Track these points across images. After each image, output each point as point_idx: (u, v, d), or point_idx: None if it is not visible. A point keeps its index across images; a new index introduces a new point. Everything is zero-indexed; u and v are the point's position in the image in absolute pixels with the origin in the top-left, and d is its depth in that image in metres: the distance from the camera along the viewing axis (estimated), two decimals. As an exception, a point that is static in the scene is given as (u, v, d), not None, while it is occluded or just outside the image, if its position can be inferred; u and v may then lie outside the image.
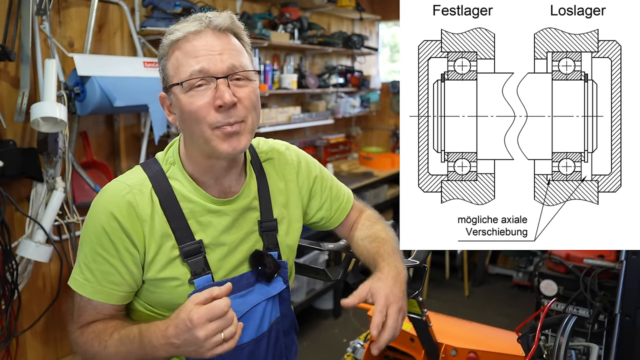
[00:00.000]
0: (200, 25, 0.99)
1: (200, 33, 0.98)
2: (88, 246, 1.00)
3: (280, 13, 3.71)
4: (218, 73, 0.97)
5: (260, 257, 1.09)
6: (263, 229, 1.12)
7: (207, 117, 0.96)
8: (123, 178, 1.04)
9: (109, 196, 1.00)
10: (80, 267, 1.01)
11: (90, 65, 2.31)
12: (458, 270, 4.25)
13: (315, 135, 4.48)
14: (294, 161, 1.22)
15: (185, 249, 1.01)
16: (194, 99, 0.96)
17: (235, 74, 0.98)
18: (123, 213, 0.98)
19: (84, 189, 2.50)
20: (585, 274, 2.28)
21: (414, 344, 1.74)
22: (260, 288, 1.09)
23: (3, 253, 2.06)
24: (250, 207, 1.11)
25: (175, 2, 2.69)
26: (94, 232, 0.99)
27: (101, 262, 0.99)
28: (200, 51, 0.97)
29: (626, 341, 1.88)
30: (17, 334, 2.21)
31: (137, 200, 0.99)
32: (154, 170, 1.05)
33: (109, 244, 0.98)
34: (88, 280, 1.00)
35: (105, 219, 0.98)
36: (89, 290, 0.99)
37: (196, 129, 0.98)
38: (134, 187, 1.01)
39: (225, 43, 1.00)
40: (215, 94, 0.96)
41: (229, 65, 0.98)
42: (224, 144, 0.98)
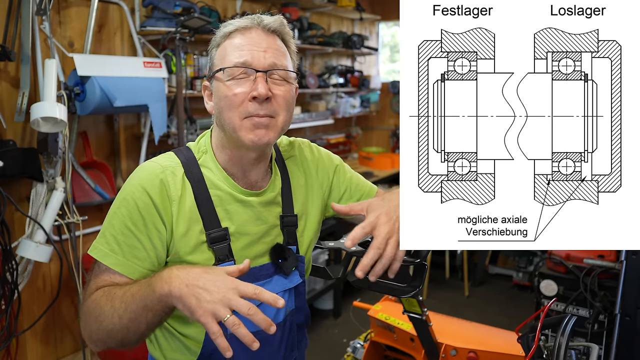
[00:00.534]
0: (252, 22, 1.06)
1: (250, 29, 1.06)
2: (118, 219, 1.02)
3: (281, 13, 3.71)
4: (259, 67, 1.03)
5: (281, 251, 1.13)
6: (284, 224, 1.16)
7: (240, 105, 1.02)
8: (158, 159, 1.09)
9: (143, 174, 1.05)
10: (106, 237, 1.02)
11: (90, 65, 2.31)
12: (458, 270, 4.25)
13: (315, 135, 4.48)
14: (314, 157, 1.28)
15: (212, 235, 1.05)
16: (233, 86, 1.03)
17: (275, 71, 1.05)
18: (155, 190, 1.02)
19: (84, 189, 2.50)
20: (585, 274, 2.28)
21: (414, 344, 1.74)
22: (278, 280, 1.13)
23: (3, 253, 2.06)
24: (274, 201, 1.16)
25: (175, 2, 2.69)
26: (125, 205, 1.02)
27: (129, 235, 1.01)
28: (246, 45, 1.04)
29: (626, 341, 1.88)
30: (17, 334, 2.21)
31: (169, 180, 1.04)
32: (187, 157, 1.10)
33: (139, 219, 1.01)
34: (114, 252, 1.01)
35: (138, 194, 1.01)
36: (113, 261, 1.01)
37: (227, 116, 1.04)
38: (167, 169, 1.06)
39: (271, 43, 1.06)
40: (253, 86, 1.02)
41: (271, 62, 1.04)
42: (251, 133, 1.03)
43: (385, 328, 1.84)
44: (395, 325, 1.78)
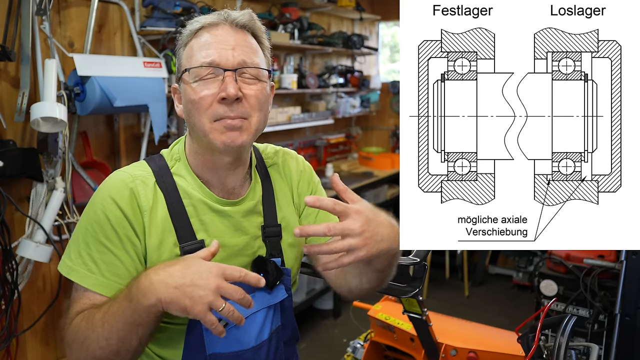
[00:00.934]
0: (219, 18, 1.00)
1: (217, 26, 1.00)
2: (91, 235, 0.96)
3: (280, 13, 3.71)
4: (227, 66, 0.97)
5: (263, 264, 1.06)
6: (267, 234, 1.10)
7: (209, 108, 0.96)
8: (127, 169, 1.04)
9: (112, 184, 0.99)
10: (81, 257, 0.96)
11: (90, 65, 2.31)
12: (458, 270, 4.25)
13: (315, 135, 4.48)
14: (298, 168, 1.21)
15: (186, 248, 0.99)
16: (200, 88, 0.97)
17: (245, 70, 0.98)
18: (125, 201, 0.96)
19: (84, 189, 2.50)
20: (585, 274, 2.28)
21: (414, 344, 1.75)
22: (261, 295, 1.06)
23: (3, 253, 2.06)
24: (254, 211, 1.09)
25: (175, 2, 2.69)
26: (96, 220, 0.96)
27: (105, 252, 0.96)
28: (213, 43, 0.98)
29: (626, 341, 1.88)
30: (17, 334, 2.21)
31: (140, 190, 0.98)
32: (159, 165, 1.04)
33: (112, 233, 0.96)
34: (92, 272, 0.95)
35: (108, 207, 0.96)
36: (93, 282, 0.95)
37: (197, 120, 0.98)
38: (137, 178, 1.00)
39: (240, 39, 1.00)
40: (221, 86, 0.96)
41: (240, 60, 0.98)
42: (222, 136, 0.97)
43: (385, 328, 1.84)
44: (395, 325, 1.78)
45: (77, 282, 0.96)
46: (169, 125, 2.76)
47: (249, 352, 1.04)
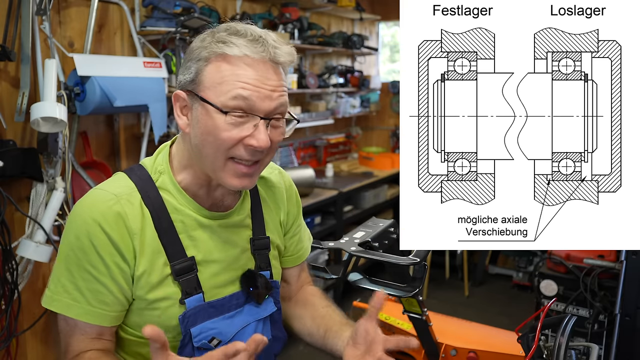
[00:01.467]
0: (264, 54, 0.89)
1: (259, 62, 0.89)
2: (73, 263, 0.90)
3: (280, 13, 3.71)
4: (263, 111, 0.89)
5: (252, 278, 1.03)
6: (255, 247, 1.07)
7: (231, 148, 0.90)
8: (107, 186, 0.95)
9: (93, 206, 0.91)
10: (64, 286, 0.91)
11: (90, 65, 2.31)
12: (458, 270, 4.25)
13: (315, 135, 4.48)
14: (287, 185, 1.19)
15: (177, 267, 0.94)
16: (229, 126, 0.88)
17: (278, 114, 0.93)
18: (111, 225, 0.89)
19: (84, 189, 2.49)
20: (585, 274, 2.28)
21: (414, 344, 1.74)
22: (249, 309, 1.04)
23: (3, 253, 2.06)
24: (243, 224, 1.06)
25: (175, 2, 2.69)
26: (79, 246, 0.89)
27: (90, 280, 0.90)
28: (252, 79, 0.88)
29: (626, 341, 1.88)
30: (17, 334, 2.21)
31: (127, 211, 0.91)
32: (142, 179, 0.96)
33: (98, 260, 0.89)
34: (76, 301, 0.90)
35: (92, 231, 0.89)
36: (78, 312, 0.90)
37: (211, 152, 0.91)
38: (122, 197, 0.92)
39: (279, 80, 0.92)
40: (252, 133, 0.89)
41: (277, 104, 0.91)
42: (234, 180, 0.93)
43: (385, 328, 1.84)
44: (395, 325, 1.78)
45: (60, 312, 0.91)
46: (169, 125, 2.76)
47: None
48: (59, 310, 0.92)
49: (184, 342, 0.96)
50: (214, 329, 0.98)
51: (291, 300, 1.24)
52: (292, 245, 1.20)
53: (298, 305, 1.22)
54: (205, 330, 0.97)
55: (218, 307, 1.00)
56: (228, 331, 1.00)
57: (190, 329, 0.95)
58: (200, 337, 0.97)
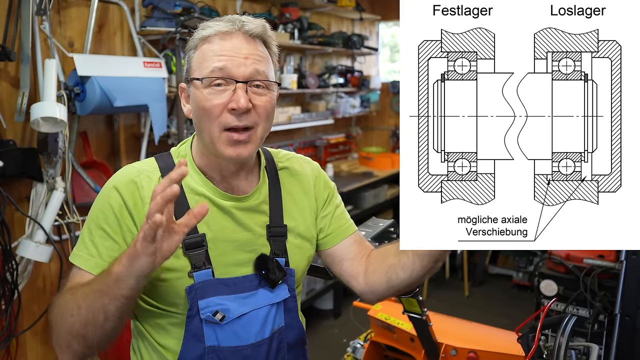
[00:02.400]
0: (232, 27, 1.01)
1: (231, 34, 1.01)
2: (94, 222, 1.01)
3: (280, 13, 3.71)
4: (239, 76, 0.99)
5: (265, 262, 1.08)
6: (271, 234, 1.11)
7: (219, 117, 0.99)
8: (136, 164, 1.08)
9: (119, 176, 1.04)
10: (84, 242, 1.01)
11: (90, 65, 2.31)
12: (458, 270, 4.25)
13: (315, 135, 4.48)
14: (313, 172, 1.23)
15: (187, 241, 1.01)
16: (211, 96, 0.99)
17: (256, 80, 1.00)
18: (127, 191, 1.01)
19: (84, 189, 2.50)
20: (585, 274, 2.28)
21: (414, 344, 1.75)
22: (263, 293, 1.08)
23: (3, 253, 2.06)
24: (258, 209, 1.11)
25: (175, 2, 2.69)
26: (100, 207, 1.01)
27: (105, 237, 1.00)
28: (226, 51, 1.00)
29: (626, 341, 1.88)
30: (17, 334, 2.21)
31: (143, 183, 1.02)
32: (166, 163, 1.08)
33: (114, 220, 1.00)
34: (92, 255, 1.00)
35: (112, 195, 1.01)
36: (91, 264, 0.99)
37: (206, 126, 1.00)
38: (143, 172, 1.04)
39: (253, 49, 1.02)
40: (232, 97, 0.98)
41: (252, 70, 1.00)
42: (230, 148, 1.00)
43: (385, 328, 1.84)
44: (395, 325, 1.78)
45: (79, 265, 1.00)
46: (169, 125, 2.76)
47: (248, 349, 1.05)
48: (79, 264, 1.00)
49: (191, 313, 1.02)
50: (221, 305, 1.03)
51: (368, 270, 1.17)
52: (329, 223, 1.21)
53: (377, 263, 1.16)
54: (212, 305, 1.02)
55: (230, 286, 1.05)
56: (236, 310, 1.04)
57: (198, 301, 1.01)
58: (206, 310, 1.02)
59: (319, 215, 1.21)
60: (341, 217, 1.23)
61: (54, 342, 0.96)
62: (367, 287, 1.16)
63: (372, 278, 1.15)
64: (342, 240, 1.21)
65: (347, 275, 1.20)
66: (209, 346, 1.02)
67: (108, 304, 0.88)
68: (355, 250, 1.21)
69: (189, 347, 1.02)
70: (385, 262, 1.12)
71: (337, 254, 1.21)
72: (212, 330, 1.03)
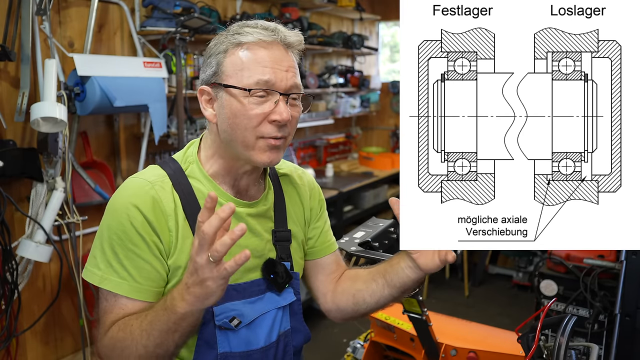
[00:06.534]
0: (275, 37, 1.00)
1: (272, 44, 1.00)
2: (117, 245, 0.97)
3: (280, 13, 3.71)
4: (282, 88, 0.99)
5: (273, 266, 1.09)
6: (277, 239, 1.12)
7: (258, 126, 0.99)
8: (142, 175, 1.04)
9: (131, 192, 1.00)
10: (112, 266, 0.97)
11: (90, 65, 2.31)
12: (458, 270, 4.25)
13: (315, 135, 4.48)
14: (310, 183, 1.25)
15: None
16: (253, 105, 0.98)
17: (294, 93, 1.01)
18: (148, 207, 0.97)
19: (84, 189, 2.50)
20: (585, 274, 2.28)
21: (414, 344, 1.74)
22: (270, 297, 1.09)
23: (3, 253, 2.06)
24: (266, 215, 1.12)
25: (175, 2, 2.69)
26: (121, 229, 0.97)
27: (134, 258, 0.97)
28: (269, 62, 0.99)
29: (626, 341, 1.88)
30: (17, 334, 2.21)
31: (161, 196, 0.99)
32: (173, 169, 1.05)
33: (139, 239, 0.97)
34: (124, 279, 0.97)
35: (132, 214, 0.97)
36: (126, 289, 0.96)
37: (240, 134, 0.99)
38: (156, 184, 1.01)
39: (291, 60, 1.02)
40: (274, 108, 0.98)
41: (292, 83, 1.01)
42: (265, 154, 1.00)
43: (385, 328, 1.84)
44: (395, 325, 1.78)
45: (112, 290, 0.97)
46: (169, 125, 2.76)
47: (258, 353, 1.06)
48: (111, 289, 0.97)
49: (205, 319, 1.01)
50: (235, 310, 1.03)
51: (337, 290, 1.21)
52: (318, 236, 1.23)
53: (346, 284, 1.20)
54: (226, 311, 1.02)
55: (240, 291, 1.05)
56: (249, 314, 1.05)
57: (213, 307, 1.01)
58: (222, 317, 1.02)
59: (311, 226, 1.23)
60: (327, 233, 1.26)
61: None
62: (334, 306, 1.21)
63: (340, 298, 1.20)
64: (324, 256, 1.24)
65: (318, 290, 1.24)
66: (222, 352, 1.02)
67: (179, 339, 0.90)
68: (332, 268, 1.25)
69: (202, 355, 1.02)
70: (354, 286, 1.17)
71: (315, 267, 1.24)
72: (225, 337, 1.03)
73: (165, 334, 0.88)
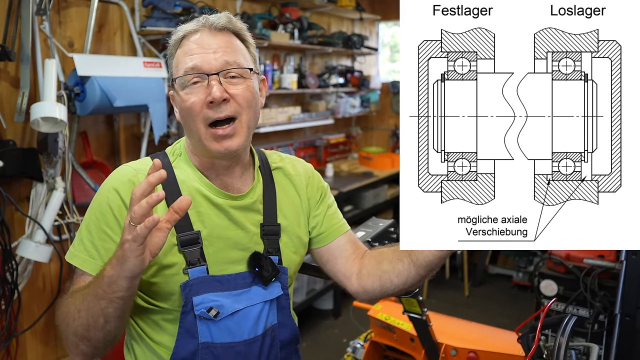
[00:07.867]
0: (197, 24, 1.04)
1: (197, 32, 1.04)
2: (93, 223, 1.02)
3: (280, 13, 3.71)
4: (210, 70, 1.00)
5: (258, 259, 1.09)
6: (265, 232, 1.12)
7: (200, 113, 1.01)
8: (132, 163, 1.09)
9: (115, 177, 1.05)
10: (84, 244, 1.02)
11: (90, 65, 2.31)
12: (458, 270, 4.25)
13: (315, 135, 4.48)
14: (307, 173, 1.24)
15: (183, 238, 1.03)
16: (189, 95, 1.01)
17: (229, 71, 1.02)
18: (126, 191, 1.01)
19: (84, 189, 2.50)
20: (585, 274, 2.28)
21: (414, 344, 1.75)
22: (256, 290, 1.09)
23: (3, 253, 2.06)
24: (253, 208, 1.12)
25: (175, 2, 2.69)
26: (99, 209, 1.02)
27: (106, 239, 1.01)
28: (194, 49, 1.02)
29: (626, 341, 1.88)
30: (17, 334, 2.21)
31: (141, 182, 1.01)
32: (162, 162, 1.07)
33: (114, 221, 1.00)
34: (92, 257, 1.01)
35: (111, 196, 1.01)
36: (92, 267, 1.00)
37: (192, 125, 1.02)
38: (140, 172, 1.04)
39: (221, 41, 1.03)
40: (207, 91, 1.00)
41: (222, 62, 1.01)
42: (216, 144, 1.02)
43: (385, 328, 1.84)
44: (395, 325, 1.79)
45: (78, 266, 1.02)
46: (169, 125, 2.76)
47: (241, 345, 1.06)
48: (77, 264, 1.02)
49: (185, 309, 1.03)
50: (215, 301, 1.04)
51: (362, 272, 1.17)
52: (322, 222, 1.22)
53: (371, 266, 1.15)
54: (207, 301, 1.03)
55: (224, 283, 1.06)
56: (230, 306, 1.05)
57: (193, 297, 1.02)
58: (200, 307, 1.03)
59: (311, 214, 1.22)
60: (334, 216, 1.25)
61: (65, 344, 1.00)
62: (360, 288, 1.17)
63: (365, 281, 1.16)
64: (336, 238, 1.22)
65: (340, 274, 1.20)
66: (203, 342, 1.03)
67: (106, 307, 0.90)
68: (350, 249, 1.22)
69: (183, 344, 1.03)
70: (380, 267, 1.13)
71: (330, 252, 1.22)
72: (206, 327, 1.03)
73: (94, 299, 0.90)
